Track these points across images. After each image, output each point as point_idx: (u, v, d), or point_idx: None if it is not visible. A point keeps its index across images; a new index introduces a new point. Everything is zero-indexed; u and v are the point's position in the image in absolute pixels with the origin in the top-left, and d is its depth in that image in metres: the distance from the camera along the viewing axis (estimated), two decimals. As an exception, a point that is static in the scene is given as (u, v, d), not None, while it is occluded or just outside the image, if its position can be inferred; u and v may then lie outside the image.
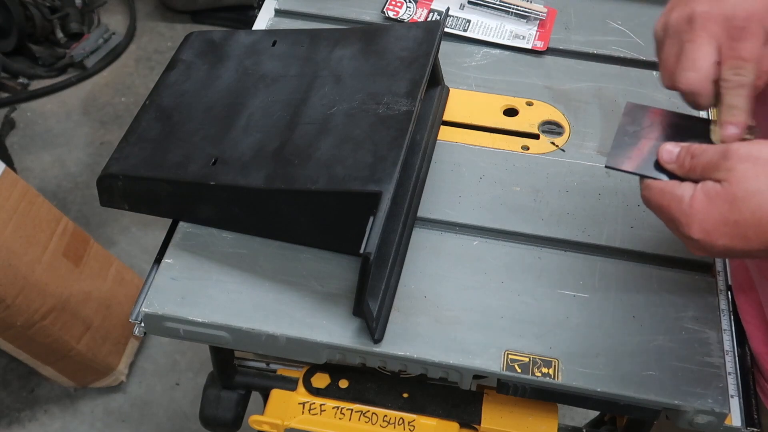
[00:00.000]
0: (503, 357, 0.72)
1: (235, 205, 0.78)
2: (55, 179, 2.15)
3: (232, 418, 0.91)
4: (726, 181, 0.54)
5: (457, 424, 0.80)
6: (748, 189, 0.52)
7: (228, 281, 0.77)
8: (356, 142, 0.75)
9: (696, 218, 0.55)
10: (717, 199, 0.54)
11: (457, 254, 0.80)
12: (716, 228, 0.54)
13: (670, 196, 0.57)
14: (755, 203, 0.52)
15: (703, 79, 0.60)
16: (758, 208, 0.52)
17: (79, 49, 2.45)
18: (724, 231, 0.54)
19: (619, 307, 0.76)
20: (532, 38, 1.03)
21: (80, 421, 1.69)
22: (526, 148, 0.91)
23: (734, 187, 0.53)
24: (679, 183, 0.58)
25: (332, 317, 0.74)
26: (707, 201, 0.54)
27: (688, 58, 0.61)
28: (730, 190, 0.53)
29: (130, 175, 0.79)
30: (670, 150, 0.59)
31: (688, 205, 0.55)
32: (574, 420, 1.56)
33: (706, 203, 0.54)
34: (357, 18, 1.06)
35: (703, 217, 0.54)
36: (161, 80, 0.88)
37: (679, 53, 0.62)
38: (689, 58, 0.61)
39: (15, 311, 1.41)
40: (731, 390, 0.71)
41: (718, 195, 0.54)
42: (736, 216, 0.53)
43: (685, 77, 0.61)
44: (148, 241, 1.99)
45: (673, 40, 0.62)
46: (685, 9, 0.61)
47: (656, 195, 0.59)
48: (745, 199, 0.52)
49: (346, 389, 0.82)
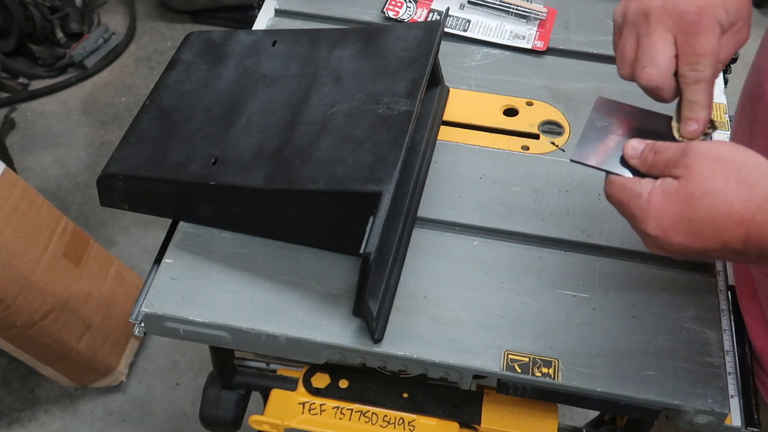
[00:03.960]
0: (503, 357, 0.72)
1: (235, 205, 0.78)
2: (55, 179, 2.15)
3: (232, 418, 0.91)
4: (683, 178, 0.54)
5: (457, 424, 0.80)
6: (705, 187, 0.52)
7: (228, 281, 0.77)
8: (356, 142, 0.75)
9: (653, 214, 0.55)
10: (674, 196, 0.54)
11: (457, 254, 0.80)
12: (672, 225, 0.54)
13: (630, 191, 0.57)
14: (710, 202, 0.52)
15: (663, 75, 0.61)
16: (713, 206, 0.52)
17: (79, 49, 2.45)
18: (680, 228, 0.54)
19: (619, 307, 0.76)
20: (532, 38, 1.03)
21: (80, 421, 1.69)
22: (526, 148, 0.91)
23: (691, 184, 0.53)
24: (639, 179, 0.58)
25: (332, 317, 0.74)
26: (664, 198, 0.55)
27: (646, 53, 0.61)
28: (686, 188, 0.53)
29: (130, 175, 0.79)
30: (635, 146, 0.59)
31: (646, 201, 0.55)
32: (574, 420, 1.56)
33: (663, 200, 0.55)
34: (357, 18, 1.06)
35: (660, 213, 0.54)
36: (161, 80, 0.88)
37: (637, 47, 0.62)
38: (647, 53, 0.61)
39: (15, 311, 1.41)
40: (731, 390, 0.71)
41: (675, 192, 0.54)
42: (691, 213, 0.53)
43: (646, 73, 0.62)
44: (148, 241, 1.99)
45: (630, 32, 0.63)
46: (642, 2, 0.62)
47: (617, 190, 0.59)
48: (701, 198, 0.53)
49: (346, 389, 0.82)
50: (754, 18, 0.66)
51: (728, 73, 1.03)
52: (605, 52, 1.02)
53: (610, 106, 0.66)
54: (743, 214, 0.52)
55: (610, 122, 0.65)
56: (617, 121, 0.65)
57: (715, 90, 0.98)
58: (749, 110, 0.73)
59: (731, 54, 0.63)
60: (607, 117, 0.65)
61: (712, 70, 0.60)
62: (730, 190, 0.52)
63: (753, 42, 0.68)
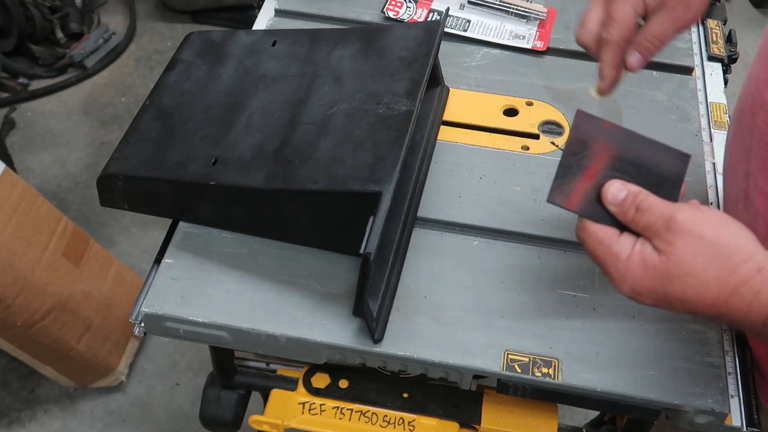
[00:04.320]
0: (503, 357, 0.72)
1: (235, 205, 0.78)
2: (55, 179, 2.15)
3: (232, 418, 0.91)
4: (664, 253, 0.54)
5: (457, 424, 0.80)
6: (684, 269, 0.53)
7: (228, 281, 0.77)
8: (356, 142, 0.75)
9: (629, 281, 0.56)
10: (653, 270, 0.54)
11: (457, 254, 0.80)
12: (647, 292, 0.56)
13: (607, 250, 0.57)
14: (688, 283, 0.53)
15: (589, 37, 0.72)
16: (689, 288, 0.53)
17: (79, 49, 2.45)
18: (653, 297, 0.56)
19: (619, 307, 0.76)
20: (532, 38, 1.03)
21: (80, 421, 1.69)
22: (526, 148, 0.91)
23: (671, 263, 0.54)
24: (617, 237, 0.58)
25: (332, 317, 0.74)
26: (643, 268, 0.55)
27: (583, 18, 0.73)
28: (667, 265, 0.54)
29: (130, 175, 0.79)
30: (615, 193, 0.58)
31: (624, 266, 0.56)
32: (574, 420, 1.56)
33: (642, 269, 0.55)
34: (357, 18, 1.06)
35: (636, 281, 0.55)
36: (161, 80, 0.88)
37: None
38: (584, 18, 0.73)
39: (15, 311, 1.41)
40: (731, 390, 0.71)
41: (654, 266, 0.54)
42: (668, 289, 0.54)
43: (578, 34, 0.74)
44: (148, 241, 1.99)
45: None
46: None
47: (592, 243, 0.59)
48: (679, 278, 0.53)
49: (346, 389, 0.82)
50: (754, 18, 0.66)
51: (728, 73, 1.03)
52: (605, 52, 1.02)
53: (591, 124, 0.63)
54: (718, 297, 0.53)
55: (590, 148, 0.62)
56: (597, 146, 0.62)
57: (715, 90, 0.98)
58: (747, 118, 0.73)
59: (668, 30, 0.70)
60: (587, 139, 0.62)
61: (619, 34, 0.69)
62: (709, 275, 0.53)
63: (754, 43, 0.68)
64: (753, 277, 0.52)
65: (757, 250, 0.53)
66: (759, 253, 0.53)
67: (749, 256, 0.53)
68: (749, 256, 0.53)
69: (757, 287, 0.52)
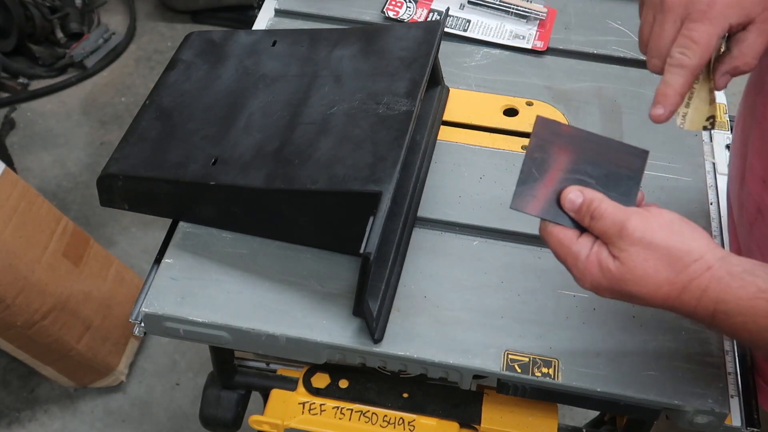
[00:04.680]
0: (503, 357, 0.72)
1: (235, 205, 0.78)
2: (55, 179, 2.15)
3: (232, 418, 0.91)
4: (618, 259, 0.58)
5: (457, 424, 0.80)
6: (636, 273, 0.57)
7: (228, 281, 0.77)
8: (356, 142, 0.75)
9: (587, 278, 0.60)
10: (608, 273, 0.58)
11: (457, 254, 0.80)
12: (605, 290, 0.60)
13: (567, 250, 0.61)
14: (641, 284, 0.57)
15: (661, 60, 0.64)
16: (643, 288, 0.57)
17: (79, 49, 2.45)
18: (611, 293, 0.60)
19: (619, 307, 0.76)
20: (532, 38, 1.03)
21: (80, 421, 1.69)
22: (526, 148, 0.91)
23: (625, 268, 0.57)
24: (576, 239, 0.61)
25: (332, 317, 0.74)
26: (599, 270, 0.59)
27: (655, 44, 0.65)
28: (621, 270, 0.58)
29: (130, 175, 0.79)
30: (572, 199, 0.61)
31: (583, 265, 0.59)
32: (574, 420, 1.56)
33: (598, 271, 0.59)
34: (357, 18, 1.06)
35: (594, 279, 0.59)
36: (161, 80, 0.88)
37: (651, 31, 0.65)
38: (656, 44, 0.65)
39: (15, 311, 1.41)
40: (731, 390, 0.71)
41: (609, 270, 0.58)
42: (623, 288, 0.58)
43: (651, 64, 0.66)
44: (148, 241, 1.99)
45: (648, 12, 0.66)
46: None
47: (554, 244, 0.62)
48: (633, 280, 0.57)
49: (346, 389, 0.82)
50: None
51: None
52: (605, 52, 1.02)
53: (551, 129, 0.65)
54: (669, 294, 0.57)
55: (550, 153, 0.63)
56: (557, 150, 0.63)
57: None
58: (751, 98, 0.74)
59: (762, 45, 0.63)
60: (547, 144, 0.64)
61: (698, 60, 0.62)
62: (660, 276, 0.57)
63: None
64: (701, 275, 0.56)
65: (707, 250, 0.57)
66: (709, 253, 0.56)
67: (699, 256, 0.56)
68: (699, 256, 0.56)
69: (704, 284, 0.56)
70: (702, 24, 0.61)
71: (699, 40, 0.61)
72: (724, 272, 0.55)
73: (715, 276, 0.55)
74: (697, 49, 0.61)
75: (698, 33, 0.61)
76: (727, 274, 0.55)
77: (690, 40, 0.62)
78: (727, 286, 0.55)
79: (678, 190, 0.87)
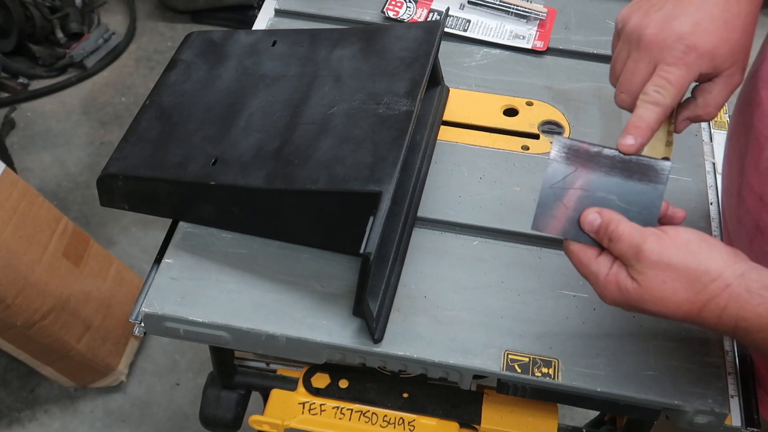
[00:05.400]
0: (503, 357, 0.72)
1: (235, 205, 0.78)
2: (55, 179, 2.15)
3: (232, 418, 0.91)
4: (636, 281, 0.59)
5: (457, 424, 0.80)
6: (655, 294, 0.58)
7: (228, 281, 0.77)
8: (356, 142, 0.75)
9: (608, 296, 0.61)
10: (627, 293, 0.60)
11: (457, 254, 0.80)
12: (624, 307, 0.61)
13: (587, 269, 0.62)
14: (661, 305, 0.58)
15: (634, 101, 0.65)
16: (663, 308, 0.59)
17: (79, 49, 2.45)
18: (633, 310, 0.61)
19: (619, 307, 0.76)
20: (532, 38, 1.03)
21: (80, 421, 1.69)
22: (526, 148, 0.91)
23: (643, 290, 0.59)
24: (595, 258, 0.62)
25: (332, 317, 0.74)
26: (618, 290, 0.60)
27: (627, 79, 0.66)
28: (639, 291, 0.59)
29: (130, 175, 0.79)
30: (591, 222, 0.62)
31: (603, 284, 0.61)
32: (574, 420, 1.56)
33: (617, 291, 0.60)
34: (357, 18, 1.06)
35: (614, 297, 0.61)
36: (161, 80, 0.88)
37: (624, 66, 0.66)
38: (628, 80, 0.65)
39: (15, 311, 1.41)
40: (731, 390, 0.71)
41: (628, 290, 0.59)
42: (642, 308, 0.60)
43: (620, 99, 0.67)
44: (148, 241, 1.99)
45: (624, 46, 0.66)
46: (639, 25, 0.64)
47: (575, 261, 0.63)
48: (652, 302, 0.59)
49: (346, 389, 0.82)
50: (757, 20, 0.66)
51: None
52: (605, 52, 1.02)
53: (568, 148, 0.65)
54: (689, 312, 0.58)
55: (569, 173, 0.64)
56: (575, 169, 0.64)
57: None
58: (746, 116, 0.74)
59: (725, 98, 0.66)
60: (567, 164, 0.64)
61: (671, 100, 0.63)
62: (679, 297, 0.58)
63: (754, 43, 0.68)
64: (720, 294, 0.57)
65: (726, 267, 0.57)
66: (728, 270, 0.57)
67: (717, 275, 0.57)
68: (717, 275, 0.57)
69: (723, 303, 0.57)
70: (678, 68, 0.63)
71: (674, 83, 0.63)
72: (743, 290, 0.56)
73: (734, 294, 0.56)
74: (672, 90, 0.63)
75: (674, 76, 0.63)
76: (745, 292, 0.56)
77: (666, 81, 0.63)
78: (746, 304, 0.56)
79: (678, 190, 0.87)
